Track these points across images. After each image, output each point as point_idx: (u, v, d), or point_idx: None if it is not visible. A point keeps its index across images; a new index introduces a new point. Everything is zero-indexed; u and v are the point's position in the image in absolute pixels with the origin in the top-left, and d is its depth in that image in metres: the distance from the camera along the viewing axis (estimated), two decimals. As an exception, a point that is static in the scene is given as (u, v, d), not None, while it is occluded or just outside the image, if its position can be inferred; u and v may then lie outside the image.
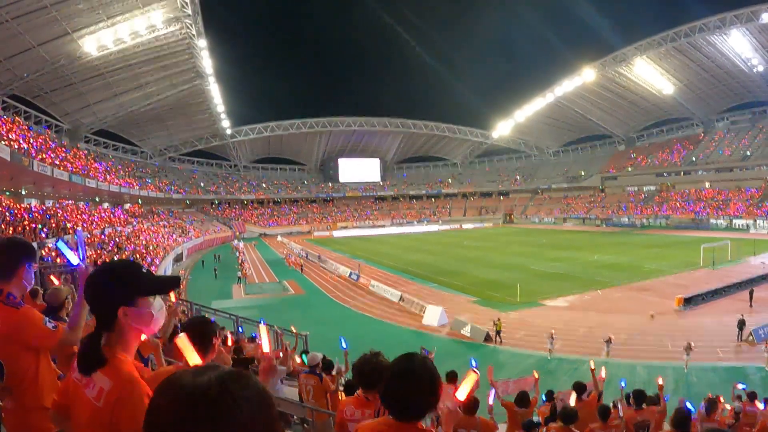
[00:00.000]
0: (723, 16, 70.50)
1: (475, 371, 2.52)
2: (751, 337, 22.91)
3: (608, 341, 21.82)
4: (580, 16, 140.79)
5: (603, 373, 9.78)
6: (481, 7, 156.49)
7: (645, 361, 21.15)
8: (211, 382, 1.07)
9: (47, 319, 2.94)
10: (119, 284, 2.06)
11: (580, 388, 8.68)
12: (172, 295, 4.56)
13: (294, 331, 16.09)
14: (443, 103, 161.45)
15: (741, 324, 23.36)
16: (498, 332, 25.09)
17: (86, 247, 2.87)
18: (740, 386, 12.28)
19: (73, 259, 2.85)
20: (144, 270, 2.19)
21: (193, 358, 2.02)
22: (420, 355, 2.00)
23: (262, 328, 2.87)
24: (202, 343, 2.88)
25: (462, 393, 2.36)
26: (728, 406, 10.36)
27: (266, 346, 2.67)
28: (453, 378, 8.80)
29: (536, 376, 10.70)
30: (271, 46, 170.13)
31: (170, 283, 2.32)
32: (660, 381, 8.85)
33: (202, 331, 2.94)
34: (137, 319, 2.09)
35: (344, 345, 9.36)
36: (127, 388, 1.95)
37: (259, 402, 1.10)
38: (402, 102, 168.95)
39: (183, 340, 2.06)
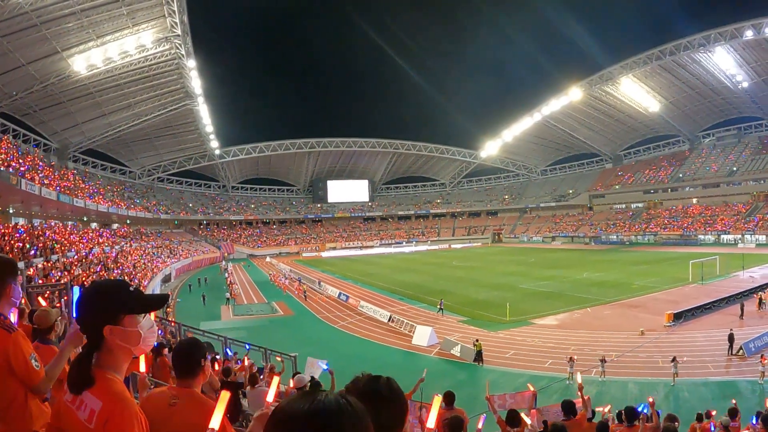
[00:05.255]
0: (707, 34, 71.73)
1: (438, 394, 2.52)
2: (741, 351, 22.93)
3: (602, 361, 21.67)
4: (567, 37, 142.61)
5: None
6: (470, 28, 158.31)
7: (636, 378, 21.09)
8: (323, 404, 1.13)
9: (34, 356, 2.85)
10: (104, 302, 2.04)
11: (568, 406, 8.59)
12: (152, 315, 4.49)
13: (279, 359, 16.09)
14: (432, 124, 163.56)
15: (731, 338, 23.40)
16: (479, 352, 24.83)
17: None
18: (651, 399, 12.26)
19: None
20: (131, 289, 2.15)
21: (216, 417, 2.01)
22: (384, 377, 2.00)
23: (275, 381, 2.81)
24: (190, 365, 2.83)
25: (431, 420, 2.39)
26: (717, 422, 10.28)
27: (271, 397, 2.61)
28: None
29: (532, 389, 10.61)
30: (261, 67, 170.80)
31: (156, 302, 2.28)
32: (650, 400, 8.79)
33: (189, 353, 2.87)
34: (124, 338, 2.06)
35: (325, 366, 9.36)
36: (118, 407, 1.92)
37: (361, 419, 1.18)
38: (391, 123, 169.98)
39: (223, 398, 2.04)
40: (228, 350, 19.23)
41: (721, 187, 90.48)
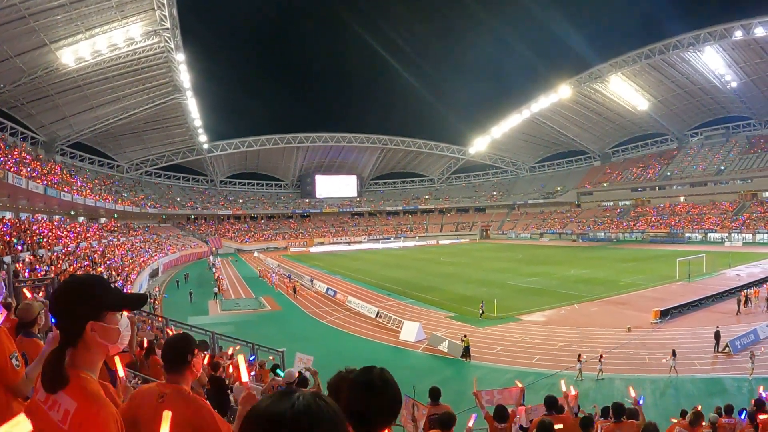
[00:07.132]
0: (697, 34, 72.10)
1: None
2: (727, 348, 23.14)
3: (600, 358, 21.63)
4: (557, 34, 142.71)
5: (572, 390, 9.74)
6: (460, 26, 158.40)
7: (623, 375, 21.24)
8: (295, 407, 1.13)
9: (15, 354, 2.81)
10: (89, 298, 2.00)
11: (550, 402, 8.61)
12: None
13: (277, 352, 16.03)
14: (421, 120, 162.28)
15: (717, 336, 23.61)
16: (467, 348, 24.92)
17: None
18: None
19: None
20: (111, 285, 2.12)
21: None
22: (378, 367, 2.00)
23: (240, 359, 2.78)
24: (176, 360, 2.79)
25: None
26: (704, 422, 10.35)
27: (245, 376, 2.59)
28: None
29: (520, 385, 10.64)
30: (251, 63, 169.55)
31: (139, 300, 2.26)
32: (631, 392, 8.84)
33: (176, 348, 2.82)
34: (105, 335, 2.02)
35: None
36: (93, 408, 1.88)
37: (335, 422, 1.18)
38: (380, 119, 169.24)
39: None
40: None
41: (709, 185, 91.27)
